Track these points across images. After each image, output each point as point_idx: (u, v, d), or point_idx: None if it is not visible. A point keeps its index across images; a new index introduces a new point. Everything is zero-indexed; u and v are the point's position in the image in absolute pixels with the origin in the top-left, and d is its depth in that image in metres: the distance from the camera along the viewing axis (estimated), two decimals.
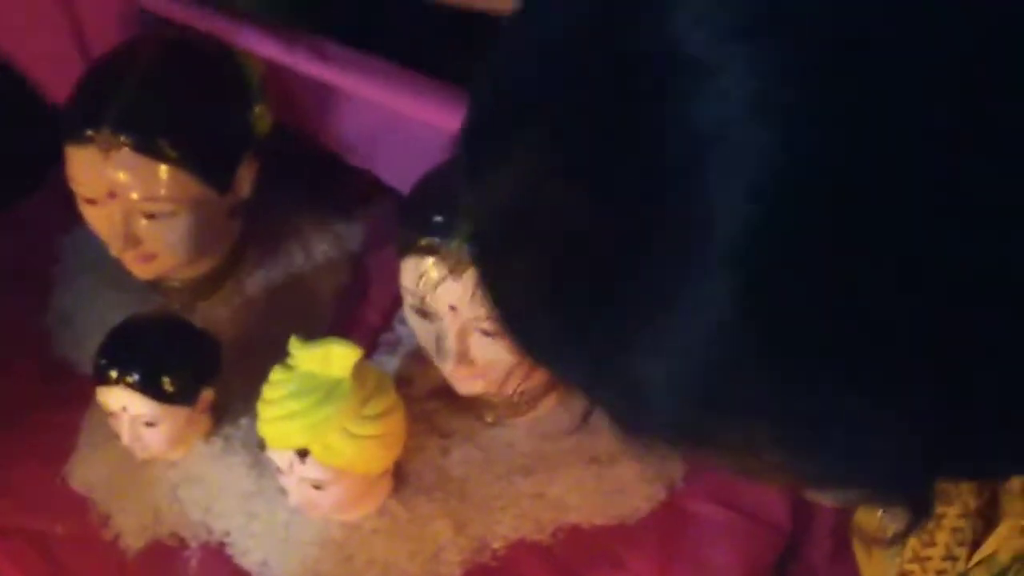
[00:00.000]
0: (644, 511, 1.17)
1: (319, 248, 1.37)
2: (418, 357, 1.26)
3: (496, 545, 1.17)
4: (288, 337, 1.23)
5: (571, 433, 1.16)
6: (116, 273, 1.34)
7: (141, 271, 1.27)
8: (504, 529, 1.18)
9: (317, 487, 1.13)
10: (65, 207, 1.29)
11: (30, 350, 1.35)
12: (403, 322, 1.30)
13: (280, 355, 1.19)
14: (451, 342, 1.11)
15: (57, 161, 1.25)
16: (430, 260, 1.10)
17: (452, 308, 1.11)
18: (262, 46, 1.25)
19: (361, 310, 1.33)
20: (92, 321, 1.34)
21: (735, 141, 0.45)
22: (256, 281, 1.34)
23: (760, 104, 0.45)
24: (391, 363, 1.26)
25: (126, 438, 1.20)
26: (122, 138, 1.19)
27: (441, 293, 1.10)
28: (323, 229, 1.38)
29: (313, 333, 1.16)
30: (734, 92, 0.45)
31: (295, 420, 1.11)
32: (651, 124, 0.46)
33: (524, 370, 1.12)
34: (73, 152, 1.21)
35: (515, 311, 0.54)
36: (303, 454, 1.12)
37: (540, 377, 1.16)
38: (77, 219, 1.29)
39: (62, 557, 1.21)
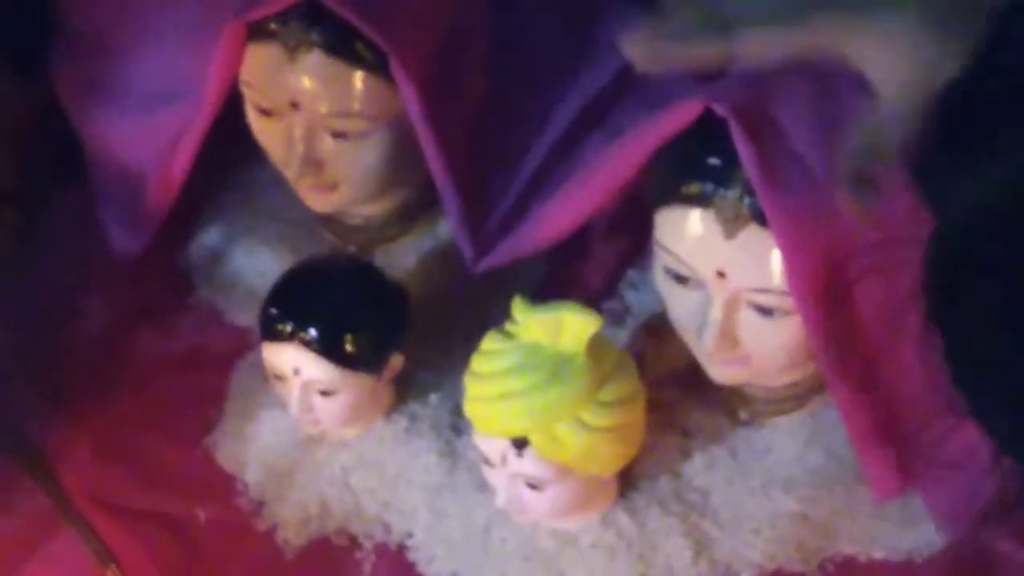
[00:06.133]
0: (938, 546, 0.97)
1: None
2: (651, 331, 1.07)
3: (746, 575, 0.98)
4: (489, 295, 1.07)
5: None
6: (277, 203, 1.13)
7: (317, 203, 1.05)
8: (757, 556, 0.98)
9: (533, 486, 0.94)
10: None
11: (167, 294, 1.14)
12: (632, 287, 1.12)
13: (479, 317, 1.02)
14: (715, 315, 0.93)
15: None
16: (698, 212, 0.92)
17: (720, 274, 0.92)
18: None
19: (579, 269, 1.12)
20: (245, 261, 1.13)
21: None
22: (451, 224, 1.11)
23: None
24: (617, 337, 1.06)
25: (295, 408, 0.99)
26: (313, 36, 0.97)
27: (708, 254, 0.92)
28: None
29: (518, 293, 0.96)
30: None
31: (515, 402, 0.92)
32: None
33: (800, 360, 0.95)
34: (251, 49, 0.99)
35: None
36: (520, 444, 0.93)
37: (812, 370, 0.97)
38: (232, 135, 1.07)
39: (205, 548, 1.00)
